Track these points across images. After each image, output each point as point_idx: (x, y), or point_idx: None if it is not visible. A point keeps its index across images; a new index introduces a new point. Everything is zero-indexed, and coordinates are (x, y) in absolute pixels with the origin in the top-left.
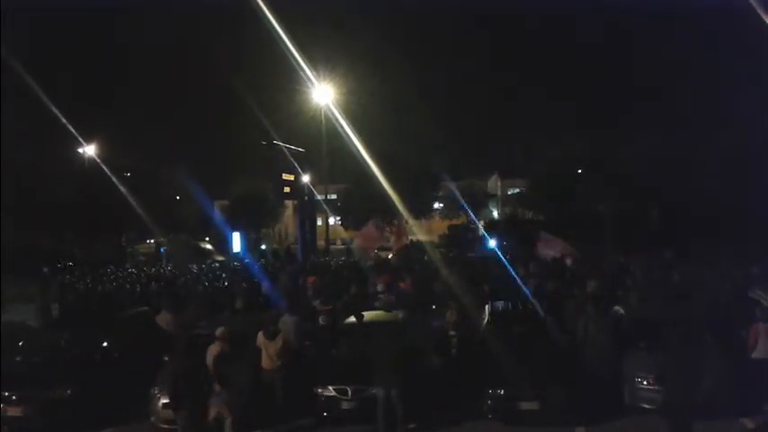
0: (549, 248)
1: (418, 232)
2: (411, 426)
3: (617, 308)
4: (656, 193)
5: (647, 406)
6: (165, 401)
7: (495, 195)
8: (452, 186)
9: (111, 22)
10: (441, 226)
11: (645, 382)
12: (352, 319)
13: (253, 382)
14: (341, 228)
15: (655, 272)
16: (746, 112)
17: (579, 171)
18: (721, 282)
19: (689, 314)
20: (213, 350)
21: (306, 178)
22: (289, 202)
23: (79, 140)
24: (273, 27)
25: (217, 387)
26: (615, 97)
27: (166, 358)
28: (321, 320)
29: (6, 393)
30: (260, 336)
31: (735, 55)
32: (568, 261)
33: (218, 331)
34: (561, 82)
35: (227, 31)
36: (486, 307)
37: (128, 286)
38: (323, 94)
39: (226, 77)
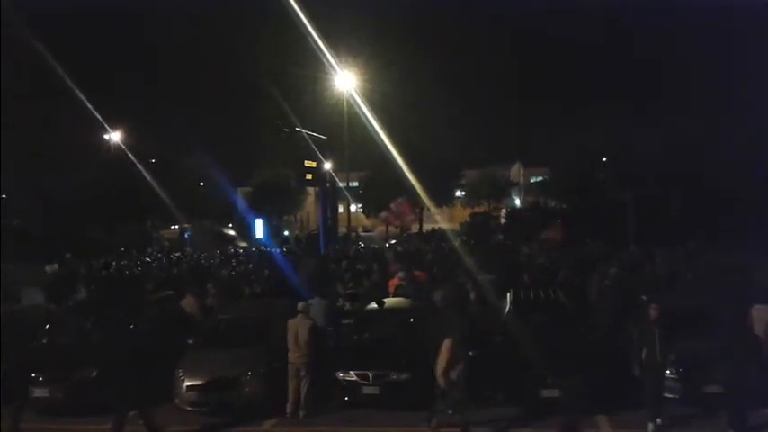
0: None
1: (440, 220)
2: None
3: (642, 297)
4: (677, 182)
5: (669, 395)
6: (189, 384)
7: (517, 184)
8: (475, 174)
9: (133, 8)
10: (463, 214)
11: (668, 372)
12: (374, 305)
13: None
14: (362, 215)
15: (679, 261)
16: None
17: (603, 159)
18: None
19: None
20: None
21: (328, 165)
22: (311, 190)
23: (105, 127)
24: (296, 13)
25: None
26: (637, 86)
27: (190, 342)
28: (347, 305)
29: (33, 375)
30: (297, 317)
31: (755, 40)
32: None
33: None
34: (585, 70)
35: (251, 19)
36: (508, 294)
37: (154, 270)
38: (345, 81)
39: (249, 64)
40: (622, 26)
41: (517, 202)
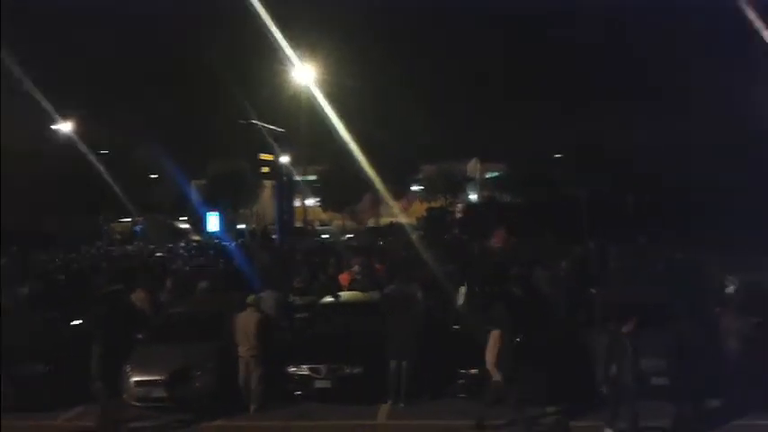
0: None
1: (398, 214)
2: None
3: (591, 290)
4: (633, 180)
5: None
6: (137, 379)
7: (473, 179)
8: (432, 169)
9: None
10: (420, 208)
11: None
12: (329, 298)
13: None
14: (320, 209)
15: (629, 257)
16: (726, 102)
17: (558, 156)
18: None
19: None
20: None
21: (285, 159)
22: (268, 182)
23: (54, 118)
24: (253, 5)
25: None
26: (596, 85)
27: (140, 337)
28: (298, 300)
29: None
30: (247, 311)
31: (717, 43)
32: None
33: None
34: (544, 68)
35: (207, 8)
36: (462, 288)
37: (104, 264)
38: (303, 74)
39: (205, 55)
40: (586, 21)
41: (473, 196)
